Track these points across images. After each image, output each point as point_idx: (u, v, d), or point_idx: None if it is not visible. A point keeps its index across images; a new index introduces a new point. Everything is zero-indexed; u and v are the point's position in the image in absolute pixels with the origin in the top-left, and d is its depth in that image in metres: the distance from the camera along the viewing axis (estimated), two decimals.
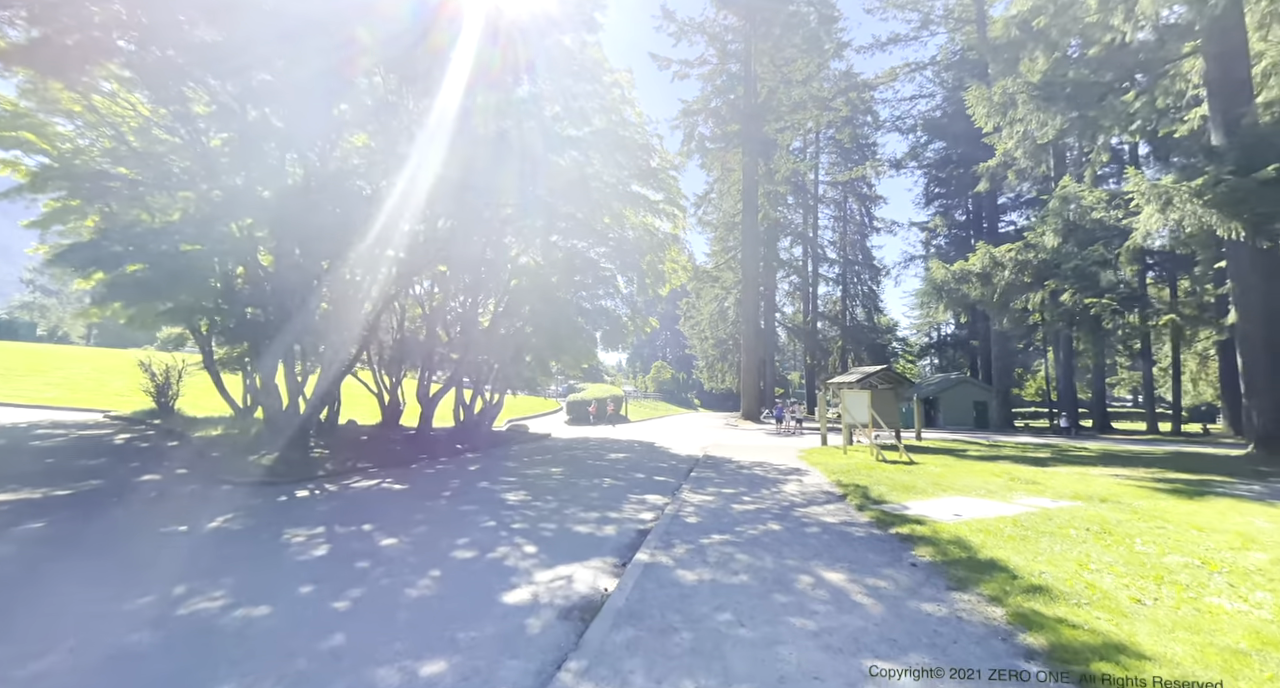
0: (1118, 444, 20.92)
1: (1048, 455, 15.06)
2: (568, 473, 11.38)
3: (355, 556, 5.25)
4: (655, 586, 4.34)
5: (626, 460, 13.90)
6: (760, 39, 36.71)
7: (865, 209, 55.13)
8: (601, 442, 19.74)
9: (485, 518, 6.94)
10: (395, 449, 14.24)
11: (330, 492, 8.74)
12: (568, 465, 12.68)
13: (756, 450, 16.21)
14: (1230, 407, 29.10)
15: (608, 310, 20.55)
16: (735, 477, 10.70)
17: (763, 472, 11.49)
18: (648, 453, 16.08)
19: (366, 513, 7.18)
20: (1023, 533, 5.98)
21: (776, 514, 7.13)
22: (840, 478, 10.14)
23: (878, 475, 10.39)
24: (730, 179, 41.85)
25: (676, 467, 12.80)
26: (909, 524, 6.35)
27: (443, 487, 9.29)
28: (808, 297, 53.73)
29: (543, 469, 11.88)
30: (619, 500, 8.39)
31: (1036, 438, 25.72)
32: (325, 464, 11.44)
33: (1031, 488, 9.06)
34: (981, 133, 31.68)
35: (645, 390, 78.26)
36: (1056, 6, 13.44)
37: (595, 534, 6.30)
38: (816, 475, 10.88)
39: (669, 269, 18.62)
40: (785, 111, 35.62)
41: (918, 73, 35.76)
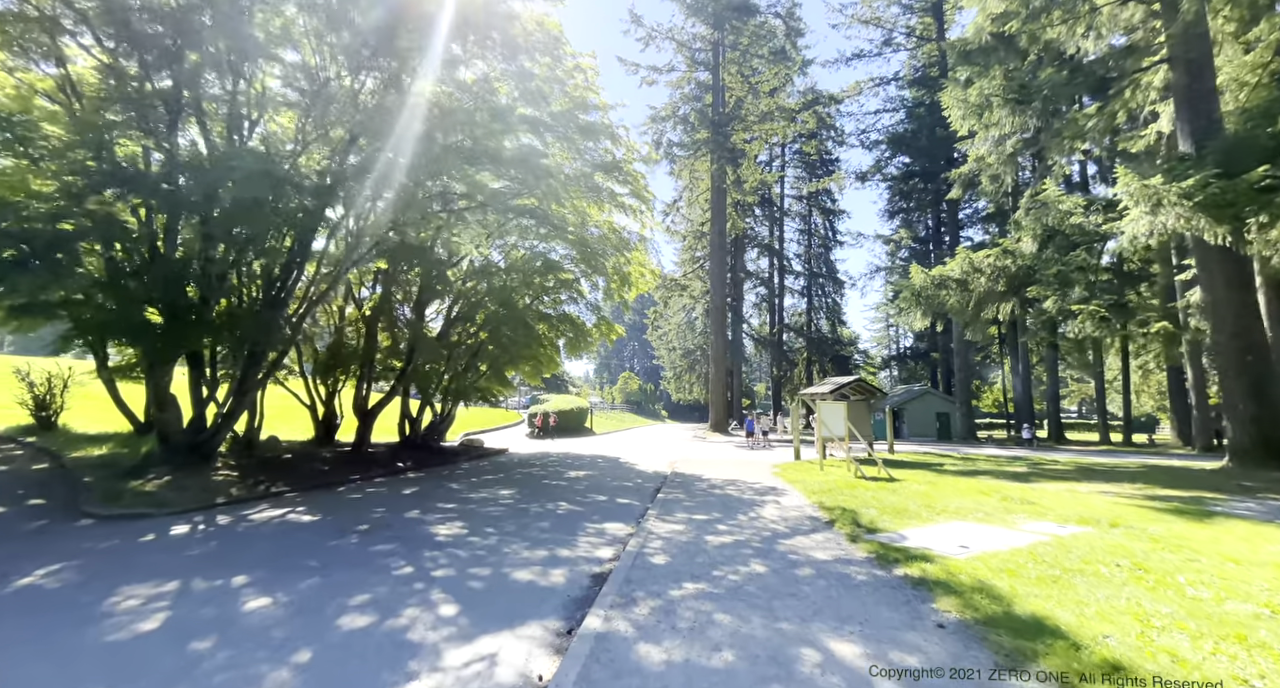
0: (1085, 457, 20.91)
1: (1025, 470, 14.57)
2: (518, 496, 10.01)
3: (197, 630, 3.82)
4: (608, 675, 3.13)
5: (587, 479, 12.60)
6: (728, 48, 36.60)
7: (829, 223, 55.79)
8: (562, 457, 18.35)
9: (401, 562, 5.55)
10: (322, 469, 12.51)
11: (218, 526, 7.14)
12: (520, 486, 11.29)
13: (728, 466, 15.17)
14: (1178, 418, 29.99)
15: (571, 317, 19.27)
16: (707, 498, 9.57)
17: (737, 492, 10.40)
18: (611, 470, 14.82)
19: (249, 557, 5.68)
20: (1050, 572, 5.04)
21: (759, 549, 6.02)
22: (823, 500, 9.14)
23: (862, 495, 9.45)
24: (699, 187, 41.40)
25: (642, 486, 11.59)
26: (916, 562, 5.34)
27: (362, 517, 7.79)
28: (774, 308, 53.76)
29: (490, 492, 10.46)
30: (574, 531, 7.12)
31: (1002, 450, 25.69)
32: (229, 489, 9.71)
33: (1030, 510, 8.27)
34: (944, 147, 32.43)
35: (613, 402, 76.73)
36: (1028, 12, 13.20)
37: (538, 583, 5.02)
38: (796, 496, 9.86)
39: (635, 273, 17.54)
40: (753, 122, 35.45)
41: (881, 87, 36.34)
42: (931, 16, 34.45)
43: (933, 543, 6.22)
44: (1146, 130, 17.69)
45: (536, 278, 17.21)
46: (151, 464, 10.21)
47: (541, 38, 9.91)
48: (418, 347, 15.95)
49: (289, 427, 18.27)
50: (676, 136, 36.69)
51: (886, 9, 35.67)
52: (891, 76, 35.94)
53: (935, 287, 14.43)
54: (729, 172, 34.67)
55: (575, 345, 20.19)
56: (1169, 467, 15.53)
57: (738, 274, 48.17)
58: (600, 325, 19.21)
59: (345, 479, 12.00)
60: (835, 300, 55.39)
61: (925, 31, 35.05)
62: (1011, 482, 11.88)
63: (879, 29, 36.15)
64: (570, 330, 19.17)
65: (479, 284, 16.12)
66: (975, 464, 16.34)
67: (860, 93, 36.12)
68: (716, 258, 36.78)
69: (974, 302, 14.13)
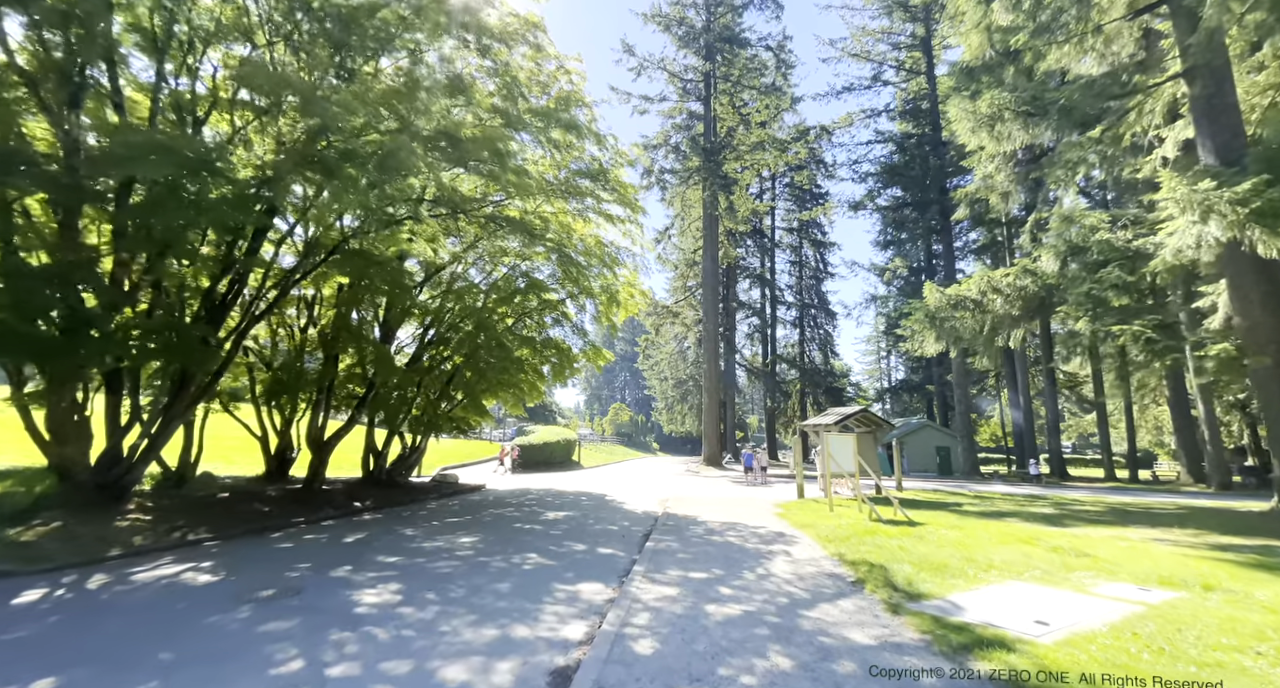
0: (1102, 495, 19.63)
1: (1052, 511, 13.21)
2: (481, 545, 8.48)
3: None
4: None
5: (567, 522, 11.07)
6: (720, 80, 36.84)
7: (820, 255, 55.68)
8: (543, 495, 16.72)
9: (291, 651, 4.07)
10: (261, 511, 10.87)
11: (81, 592, 5.59)
12: (487, 532, 9.74)
13: (725, 505, 13.67)
14: (1187, 454, 28.90)
15: (556, 342, 17.97)
16: (705, 548, 8.11)
17: (739, 539, 8.94)
18: (596, 509, 13.27)
19: (87, 642, 4.17)
20: (1176, 665, 3.69)
21: (776, 626, 4.60)
22: (841, 550, 7.72)
23: (885, 544, 8.04)
24: (690, 215, 41.01)
25: (629, 530, 10.08)
26: (992, 650, 3.96)
27: (274, 577, 6.26)
28: (766, 339, 52.94)
29: (448, 539, 8.91)
30: (539, 597, 5.65)
31: (1012, 487, 24.31)
32: (132, 538, 8.11)
33: (1091, 566, 6.91)
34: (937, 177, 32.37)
35: (603, 434, 74.60)
36: (1036, 25, 12.70)
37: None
38: (808, 544, 8.43)
39: (625, 294, 16.40)
40: (745, 151, 35.33)
41: (872, 119, 36.61)
42: (920, 51, 35.03)
43: (997, 614, 4.84)
44: (1151, 156, 17.23)
45: (518, 298, 16.01)
46: (45, 507, 8.59)
47: (519, 26, 9.03)
48: (380, 370, 14.54)
49: (241, 460, 16.57)
50: (668, 164, 36.44)
51: (875, 45, 36.30)
52: (882, 109, 36.30)
53: (950, 307, 13.35)
54: (721, 199, 34.28)
55: (561, 372, 18.83)
56: (1207, 508, 14.24)
57: (730, 304, 47.44)
58: (587, 351, 17.94)
59: (287, 522, 10.39)
60: (828, 331, 54.78)
61: (914, 65, 35.59)
62: (1045, 526, 10.52)
63: (869, 63, 36.70)
64: (555, 356, 17.86)
65: (455, 305, 14.85)
66: (994, 504, 14.98)
67: (852, 124, 36.34)
68: (709, 285, 35.97)
69: (989, 325, 13.06)
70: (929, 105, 35.42)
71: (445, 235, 12.62)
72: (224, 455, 16.58)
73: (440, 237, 12.42)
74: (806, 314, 53.87)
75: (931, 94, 35.43)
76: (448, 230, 12.25)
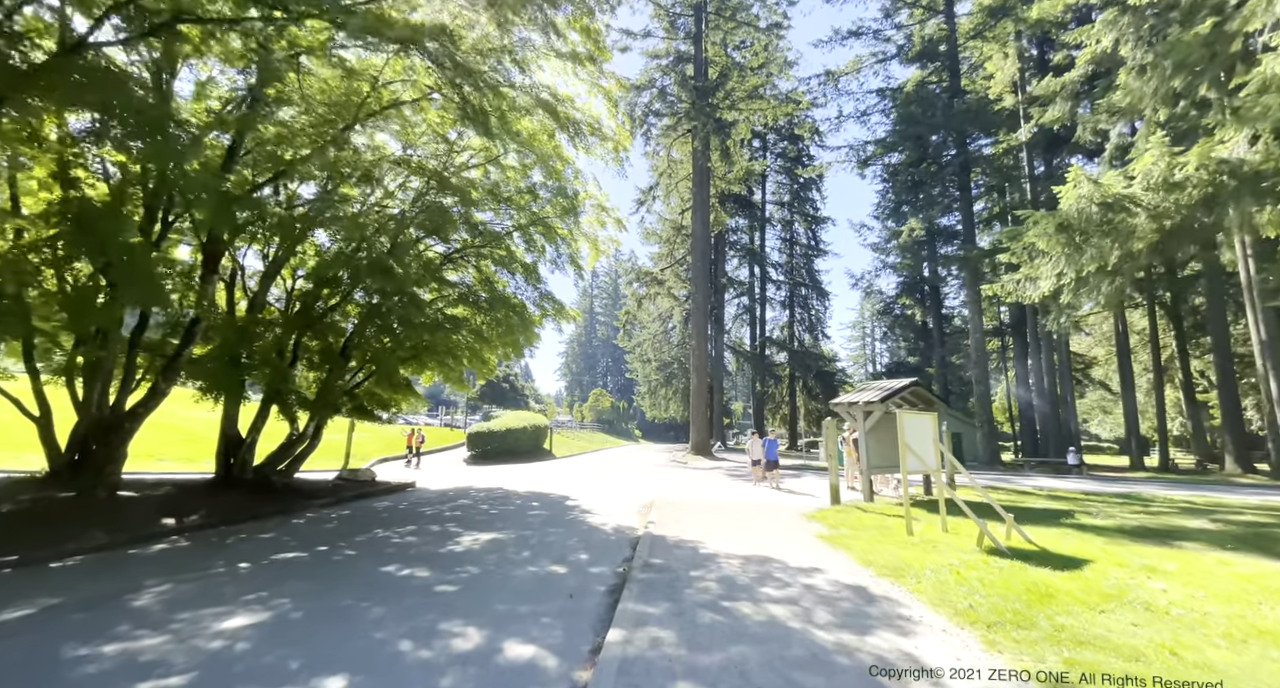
0: (1172, 490, 16.04)
1: (1188, 523, 9.29)
2: (286, 626, 4.04)
3: None
4: None
5: (486, 556, 6.67)
6: (712, 14, 32.13)
7: (812, 231, 51.64)
8: (483, 498, 12.30)
9: None
10: None
11: None
12: (316, 583, 5.28)
13: (734, 516, 9.37)
14: (1235, 443, 25.72)
15: (505, 296, 13.35)
16: (733, 647, 3.80)
17: (786, 606, 4.62)
18: (545, 525, 8.88)
19: None
20: None
21: None
22: (996, 636, 3.49)
23: (1067, 608, 3.84)
24: (679, 173, 36.41)
25: (585, 576, 5.74)
26: None
27: None
28: (755, 320, 48.93)
29: (192, 619, 4.43)
30: None
31: (1063, 480, 20.66)
32: None
33: None
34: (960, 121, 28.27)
35: (582, 420, 70.22)
36: None
37: None
38: (929, 618, 4.15)
39: (594, 221, 11.87)
40: (740, 98, 30.75)
41: (883, 65, 32.34)
42: None
43: None
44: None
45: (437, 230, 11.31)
46: None
47: None
48: (239, 326, 9.87)
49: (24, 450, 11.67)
50: (654, 111, 31.73)
51: None
52: (895, 52, 32.00)
53: (1104, 211, 9.01)
54: (714, 144, 29.79)
55: (512, 338, 14.17)
56: None
57: (719, 280, 43.10)
58: (544, 304, 13.39)
59: None
60: (819, 312, 50.99)
61: (932, 3, 31.31)
62: (1210, 546, 6.48)
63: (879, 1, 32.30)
64: (505, 315, 13.22)
65: (340, 235, 10.06)
66: (1084, 504, 11.13)
67: (860, 70, 32.06)
68: (699, 250, 31.55)
69: (1151, 241, 8.74)
70: (947, 48, 31.23)
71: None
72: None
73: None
74: (797, 294, 49.94)
75: (950, 36, 31.23)
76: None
